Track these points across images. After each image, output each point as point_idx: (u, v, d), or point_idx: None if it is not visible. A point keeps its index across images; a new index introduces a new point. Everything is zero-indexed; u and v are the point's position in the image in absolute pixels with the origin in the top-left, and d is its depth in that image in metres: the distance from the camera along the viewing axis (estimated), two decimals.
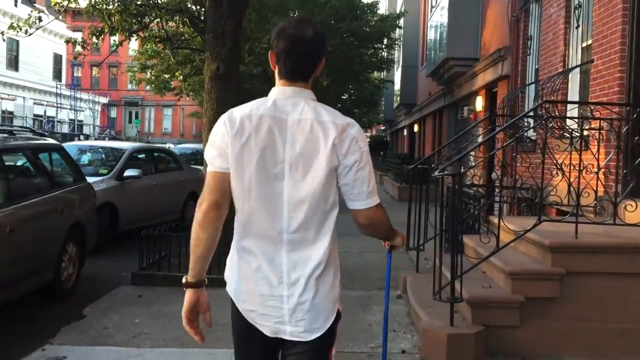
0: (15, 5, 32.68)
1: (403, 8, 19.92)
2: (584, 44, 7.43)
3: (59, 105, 39.10)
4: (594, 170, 4.87)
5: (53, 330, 5.01)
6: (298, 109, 2.15)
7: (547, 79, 7.56)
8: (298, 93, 2.19)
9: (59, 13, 9.93)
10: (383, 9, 28.13)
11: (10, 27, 7.87)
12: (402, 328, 5.21)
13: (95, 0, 7.73)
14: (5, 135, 5.93)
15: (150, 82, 14.69)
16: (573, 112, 6.92)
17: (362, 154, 2.14)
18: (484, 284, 4.89)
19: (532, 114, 6.18)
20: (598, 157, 4.92)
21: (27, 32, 7.98)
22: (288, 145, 2.12)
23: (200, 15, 8.15)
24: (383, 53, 19.70)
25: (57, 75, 40.04)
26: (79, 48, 9.37)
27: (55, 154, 6.66)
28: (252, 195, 2.16)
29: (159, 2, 8.31)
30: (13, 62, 34.87)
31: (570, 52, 7.74)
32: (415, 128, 26.63)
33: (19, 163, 6.24)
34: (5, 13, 31.36)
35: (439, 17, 15.62)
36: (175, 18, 8.56)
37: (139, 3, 7.73)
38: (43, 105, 37.99)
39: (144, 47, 13.85)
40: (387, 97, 32.34)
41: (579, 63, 7.47)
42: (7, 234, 4.99)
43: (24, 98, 35.78)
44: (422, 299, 5.40)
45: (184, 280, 2.20)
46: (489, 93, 12.68)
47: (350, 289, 6.25)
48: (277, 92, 2.20)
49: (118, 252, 8.64)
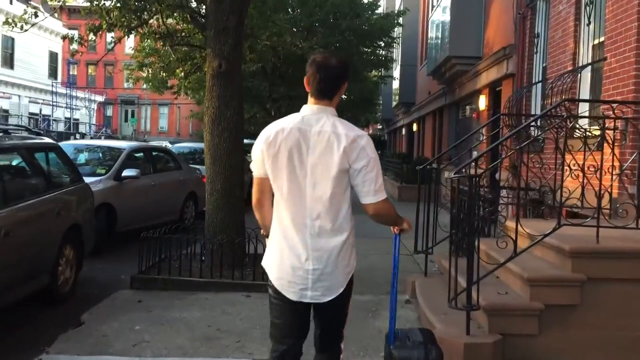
0: (11, 3, 32.33)
1: (402, 6, 19.70)
2: (595, 42, 7.24)
3: (55, 104, 38.78)
4: (615, 172, 4.68)
5: (50, 338, 4.79)
6: (320, 123, 2.72)
7: (557, 78, 7.36)
8: (322, 110, 2.77)
9: (55, 10, 9.68)
10: (381, 8, 27.95)
11: (6, 22, 7.64)
12: None
13: None
14: (0, 135, 5.70)
15: (148, 80, 14.45)
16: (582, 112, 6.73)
17: (369, 160, 2.69)
18: (500, 290, 4.70)
19: (539, 114, 5.98)
20: (619, 157, 4.72)
21: (22, 27, 7.76)
22: (310, 152, 2.71)
23: (201, 11, 7.93)
24: (382, 52, 19.48)
25: (52, 74, 39.72)
26: (76, 46, 9.15)
27: (52, 154, 6.44)
28: (284, 192, 2.75)
29: None
30: (8, 59, 34.55)
31: (581, 49, 7.54)
32: (414, 127, 26.46)
33: (14, 163, 6.00)
34: (1, 10, 31.03)
35: (441, 15, 15.42)
36: (176, 14, 8.33)
37: None
38: (39, 104, 37.68)
39: (142, 44, 13.64)
40: (385, 95, 32.14)
41: (590, 61, 7.28)
42: (1, 238, 4.77)
43: (19, 96, 35.46)
44: (433, 305, 5.21)
45: (262, 233, 3.05)
46: (493, 92, 12.49)
47: (357, 293, 5.90)
48: (306, 109, 2.80)
49: (116, 254, 8.42)
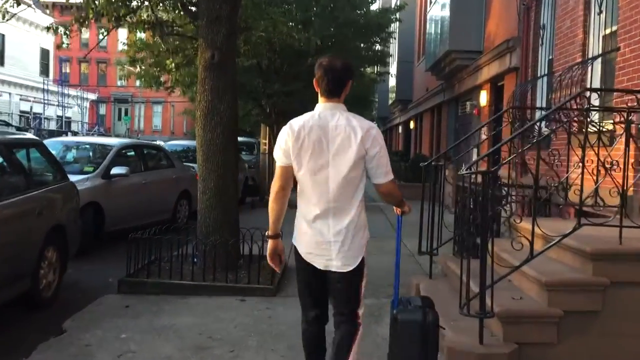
0: None
1: (400, 1, 19.31)
2: (607, 31, 6.92)
3: (46, 102, 38.22)
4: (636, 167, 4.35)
5: (29, 347, 4.43)
6: (335, 118, 3.17)
7: (566, 70, 7.03)
8: (334, 107, 3.21)
9: (47, 7, 9.27)
10: (378, 3, 27.59)
11: None
12: None
13: None
14: None
15: (140, 76, 14.04)
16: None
17: (380, 148, 3.18)
18: (514, 295, 4.37)
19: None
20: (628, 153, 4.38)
21: (3, 16, 7.38)
22: (330, 144, 3.15)
23: None
24: (378, 47, 19.08)
25: (44, 71, 39.16)
26: (66, 40, 8.77)
27: (34, 150, 6.07)
28: (308, 179, 3.19)
29: None
30: None
31: (591, 40, 7.21)
32: (411, 125, 26.13)
33: None
34: None
35: (440, 9, 15.09)
36: (166, 2, 7.95)
37: None
38: (30, 102, 37.09)
39: (133, 39, 13.24)
40: (380, 93, 31.78)
41: (601, 52, 6.95)
42: None
43: (10, 94, 34.88)
44: (440, 309, 4.85)
45: (267, 234, 3.30)
46: (494, 87, 12.16)
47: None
48: (320, 107, 3.24)
49: (104, 255, 8.05)
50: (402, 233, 4.38)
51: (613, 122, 4.98)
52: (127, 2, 7.14)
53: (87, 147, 10.45)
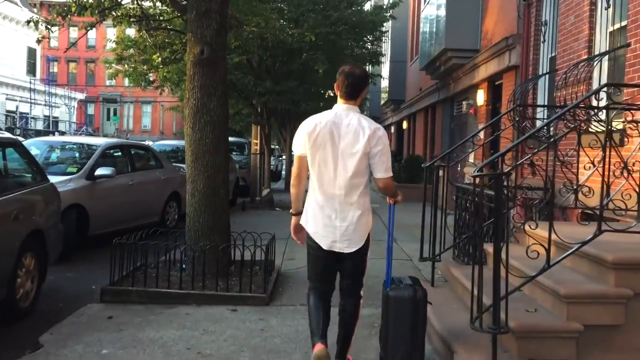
0: None
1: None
2: (614, 27, 6.63)
3: (33, 101, 37.62)
4: None
5: None
6: (348, 118, 3.67)
7: (571, 67, 6.73)
8: (350, 109, 3.72)
9: (34, 6, 8.87)
10: (371, 1, 27.27)
11: None
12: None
13: None
14: None
15: (128, 74, 13.63)
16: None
17: (384, 146, 3.66)
18: (527, 307, 4.05)
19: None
20: None
21: None
22: (342, 140, 3.64)
23: None
24: (371, 46, 18.76)
25: (31, 70, 38.59)
26: (46, 33, 8.40)
27: (11, 150, 5.69)
28: (320, 169, 3.67)
29: None
30: None
31: (597, 36, 6.92)
32: (404, 125, 25.84)
33: None
34: None
35: (436, 6, 14.79)
36: None
37: None
38: (16, 101, 36.50)
39: (121, 35, 12.87)
40: (372, 93, 31.45)
41: (608, 48, 6.66)
42: None
43: None
44: (446, 322, 4.55)
45: (291, 212, 3.89)
46: (492, 86, 11.87)
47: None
48: (338, 107, 3.74)
49: (89, 260, 7.67)
50: (400, 236, 4.86)
51: (625, 120, 4.68)
52: None
53: (71, 147, 10.04)
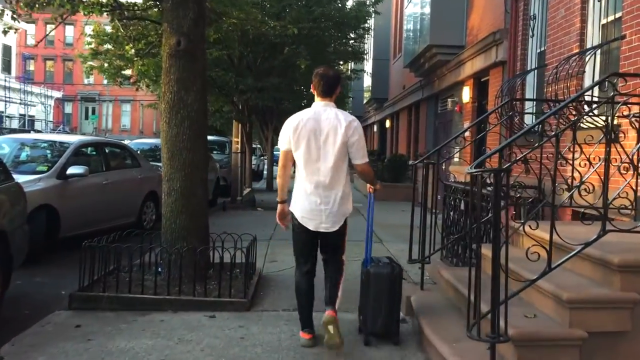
0: None
1: None
2: (607, 20, 6.42)
3: (8, 99, 36.79)
4: None
5: None
6: (326, 113, 4.31)
7: (563, 61, 6.50)
8: (327, 104, 4.37)
9: (9, 2, 8.43)
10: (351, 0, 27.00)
11: None
12: None
13: None
14: None
15: (103, 69, 13.19)
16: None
17: (359, 136, 4.30)
18: (526, 313, 3.79)
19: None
20: None
21: None
22: (322, 132, 4.26)
23: None
24: (354, 42, 18.50)
25: (6, 68, 37.79)
26: (11, 23, 7.96)
27: None
28: (304, 160, 4.27)
29: None
30: None
31: (590, 29, 6.71)
32: (387, 124, 25.63)
33: None
34: None
35: (420, 2, 14.55)
36: None
37: None
38: None
39: (97, 29, 12.45)
40: (355, 92, 31.24)
41: (601, 41, 6.45)
42: None
43: None
44: (439, 328, 4.28)
45: (277, 200, 4.46)
46: (478, 83, 11.65)
47: (343, 311, 4.74)
48: (316, 105, 4.39)
49: (60, 264, 7.28)
50: (385, 237, 5.40)
51: (630, 114, 4.43)
52: None
53: (43, 144, 9.62)
